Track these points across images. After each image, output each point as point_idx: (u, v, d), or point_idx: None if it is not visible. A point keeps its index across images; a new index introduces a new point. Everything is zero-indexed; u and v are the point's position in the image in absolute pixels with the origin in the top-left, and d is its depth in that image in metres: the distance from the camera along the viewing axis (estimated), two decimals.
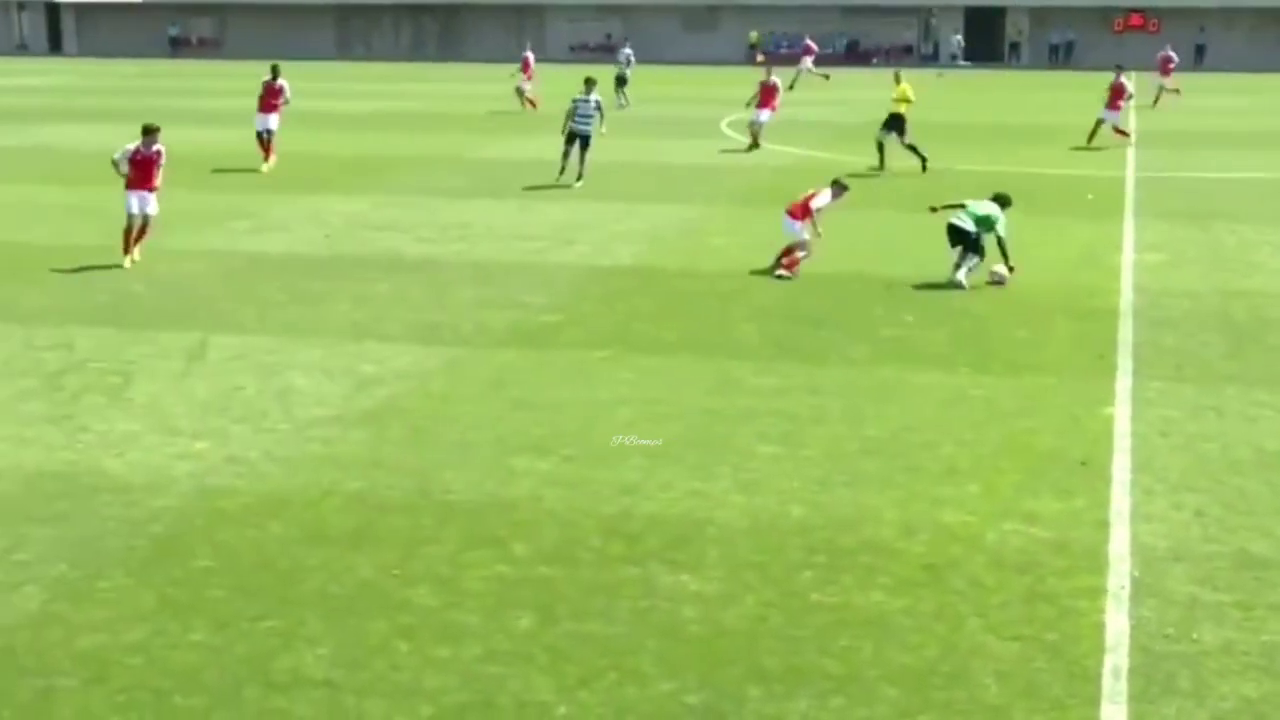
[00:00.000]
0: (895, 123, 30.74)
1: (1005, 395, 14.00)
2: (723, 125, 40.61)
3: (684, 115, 44.20)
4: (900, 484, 11.49)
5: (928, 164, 29.82)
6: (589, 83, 28.53)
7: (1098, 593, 9.45)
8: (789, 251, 19.74)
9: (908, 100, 30.86)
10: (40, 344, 15.83)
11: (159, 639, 8.75)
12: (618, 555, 10.07)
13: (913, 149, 30.23)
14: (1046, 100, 47.91)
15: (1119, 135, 35.55)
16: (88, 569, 9.77)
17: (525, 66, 46.05)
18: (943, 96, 48.07)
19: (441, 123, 42.14)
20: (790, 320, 17.12)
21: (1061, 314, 17.48)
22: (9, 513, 10.82)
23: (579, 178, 27.84)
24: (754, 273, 19.77)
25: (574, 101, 28.00)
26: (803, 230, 19.63)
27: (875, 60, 79.22)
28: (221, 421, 13.05)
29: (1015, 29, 79.79)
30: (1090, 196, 27.09)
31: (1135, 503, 11.06)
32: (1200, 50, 76.02)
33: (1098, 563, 9.94)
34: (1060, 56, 77.80)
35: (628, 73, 48.45)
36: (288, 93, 30.66)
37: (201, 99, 49.62)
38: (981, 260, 19.05)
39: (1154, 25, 77.38)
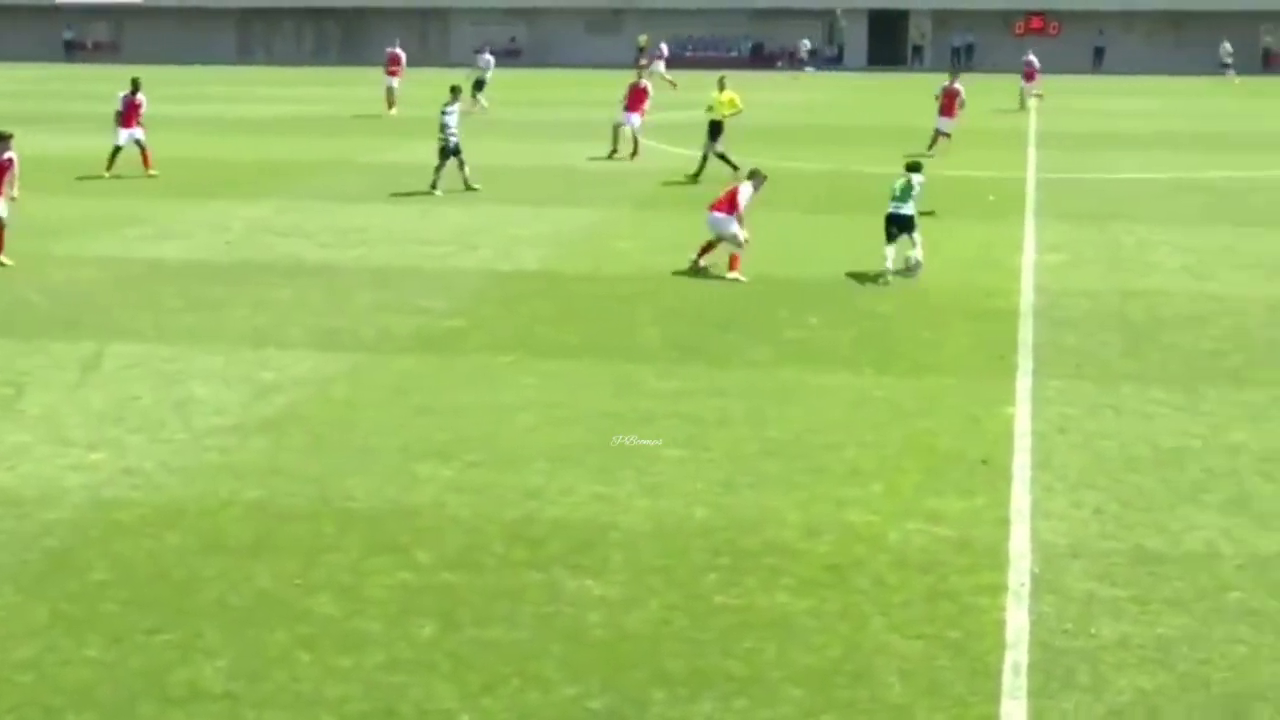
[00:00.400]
0: (714, 130, 29.68)
1: (908, 396, 14.10)
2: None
3: (587, 118, 44.12)
4: (804, 485, 11.53)
5: (737, 169, 28.89)
6: (454, 91, 28.30)
7: (998, 590, 9.53)
8: (710, 247, 19.82)
9: (735, 108, 30.17)
10: None
11: (51, 655, 8.56)
12: (521, 561, 10.01)
13: (723, 157, 29.06)
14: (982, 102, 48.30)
15: (941, 139, 34.15)
16: None
17: (393, 62, 45.56)
18: (847, 99, 48.44)
19: (343, 127, 41.81)
20: (693, 323, 17.13)
21: (963, 315, 17.65)
22: None
23: (466, 182, 27.51)
24: (657, 276, 19.78)
25: (442, 112, 27.62)
26: (731, 223, 19.61)
27: (780, 64, 79.68)
28: (117, 432, 12.82)
29: (918, 32, 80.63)
30: (991, 198, 27.39)
31: (1035, 500, 11.18)
32: (1099, 53, 77.26)
33: (998, 560, 10.03)
34: (962, 59, 78.70)
35: (487, 76, 47.28)
36: (145, 106, 30.06)
37: (97, 103, 48.68)
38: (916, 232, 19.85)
39: (1054, 28, 78.56)
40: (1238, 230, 24.00)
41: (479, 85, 46.16)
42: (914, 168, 20.73)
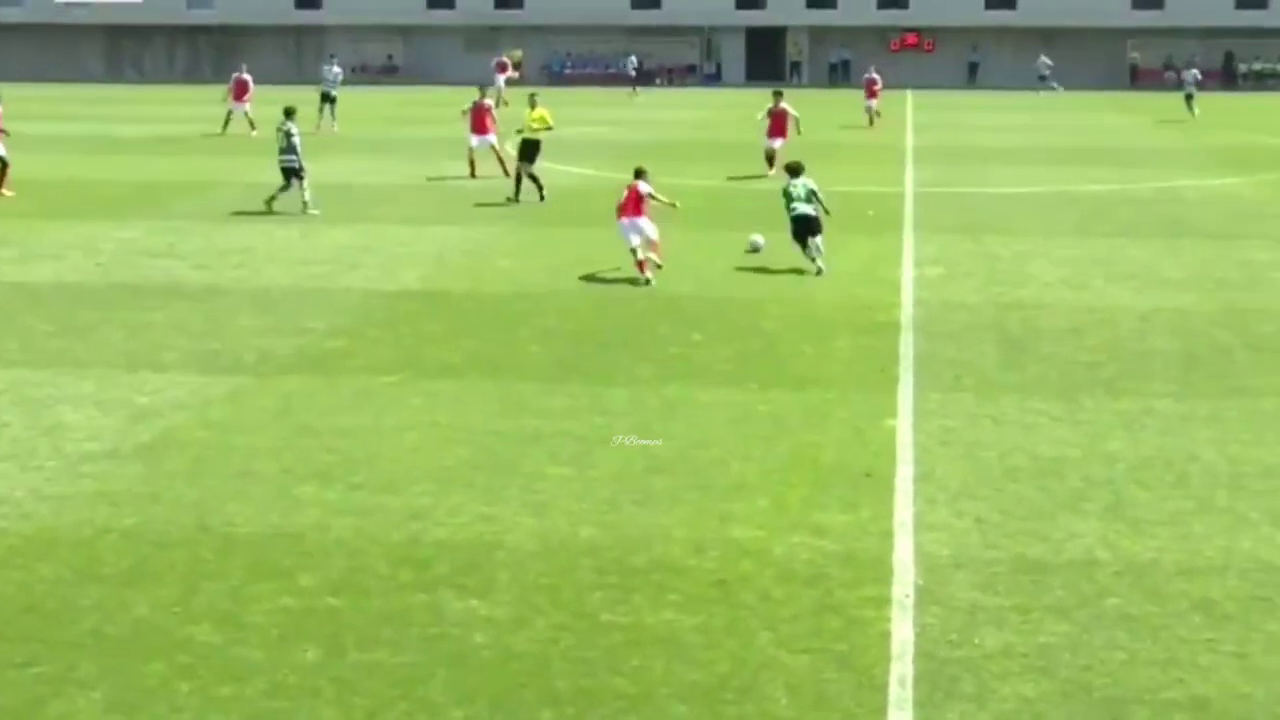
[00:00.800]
0: (529, 150, 28.83)
1: (791, 410, 14.17)
2: (507, 146, 40.49)
3: (465, 136, 43.91)
4: (689, 501, 11.53)
5: (545, 196, 28.53)
6: (288, 113, 27.71)
7: (883, 602, 9.59)
8: (638, 257, 20.38)
9: (547, 125, 29.43)
10: None
11: None
12: (407, 583, 9.89)
13: (533, 178, 28.53)
14: (825, 117, 48.91)
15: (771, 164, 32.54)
16: None
17: (241, 88, 43.98)
18: (726, 115, 48.74)
19: (218, 146, 41.21)
20: (577, 341, 17.10)
21: (845, 328, 17.80)
22: None
23: (305, 204, 27.09)
24: (540, 294, 19.73)
25: (287, 134, 27.13)
26: (645, 223, 20.50)
27: (659, 80, 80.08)
28: None
29: (795, 48, 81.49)
30: (871, 212, 27.67)
31: (918, 512, 11.28)
32: (973, 68, 78.71)
33: (883, 572, 10.09)
34: (840, 75, 79.69)
35: (334, 92, 45.53)
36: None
37: None
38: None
39: (929, 45, 79.89)
40: (1110, 242, 24.50)
41: (328, 99, 44.68)
42: (796, 170, 21.95)
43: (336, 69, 47.02)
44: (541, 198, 28.32)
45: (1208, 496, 11.74)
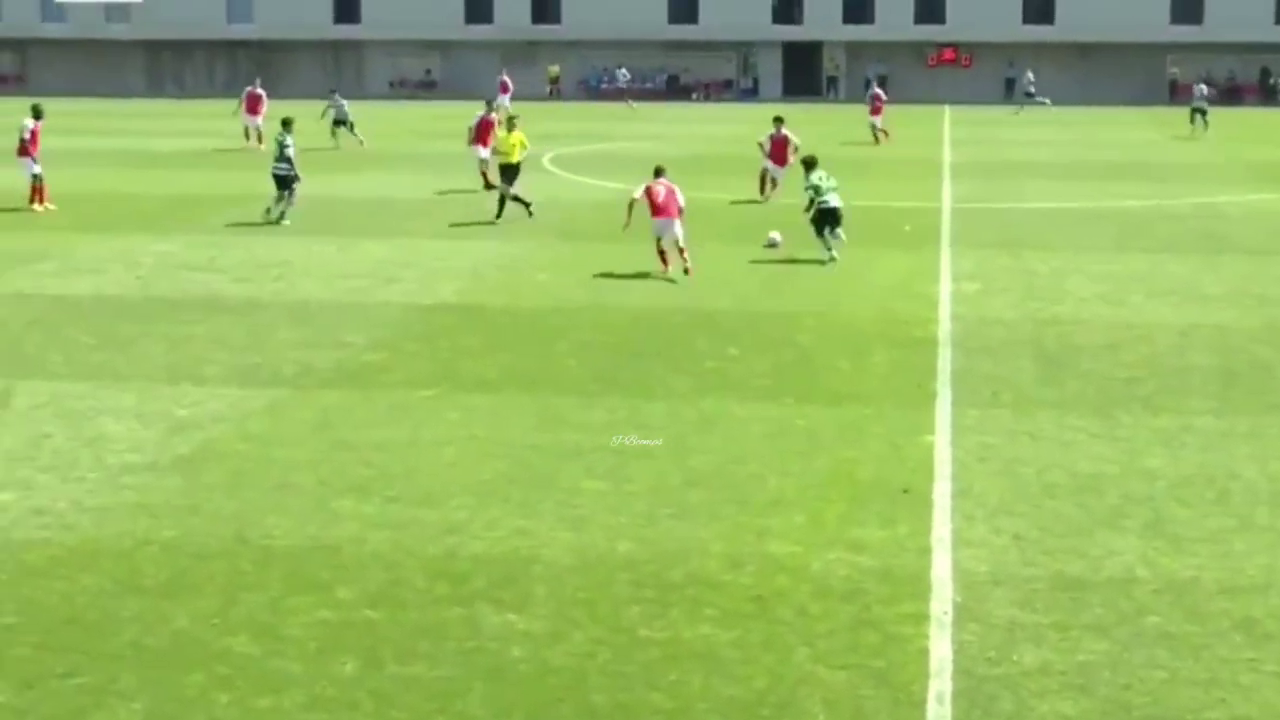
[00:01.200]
0: (509, 173, 28.25)
1: (828, 425, 14.15)
2: (545, 160, 40.62)
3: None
4: (726, 516, 11.52)
5: (532, 210, 28.06)
6: (285, 124, 28.46)
7: (921, 619, 9.55)
8: (665, 254, 21.83)
9: (524, 148, 28.67)
10: None
11: None
12: (443, 596, 9.92)
13: (517, 199, 28.05)
14: (863, 133, 48.86)
15: (770, 190, 31.35)
16: None
17: (254, 102, 44.14)
18: (763, 131, 48.66)
19: (257, 160, 41.35)
20: (614, 355, 17.11)
21: (882, 343, 17.76)
22: None
23: (280, 215, 27.73)
24: (576, 308, 19.77)
25: (282, 145, 27.92)
26: (678, 223, 21.86)
27: (695, 95, 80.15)
28: (27, 471, 12.56)
29: (832, 63, 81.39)
30: (908, 228, 27.63)
31: (956, 528, 11.24)
32: (1010, 84, 78.36)
33: (921, 589, 10.06)
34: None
35: (346, 114, 44.85)
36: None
37: (3, 136, 48.11)
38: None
39: (966, 60, 79.65)
40: (1149, 258, 24.38)
41: (340, 124, 44.39)
42: (812, 164, 24.00)
43: (340, 100, 46.17)
44: (529, 214, 27.87)
45: (1248, 514, 11.66)
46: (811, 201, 23.55)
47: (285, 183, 27.80)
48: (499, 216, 28.02)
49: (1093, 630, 9.38)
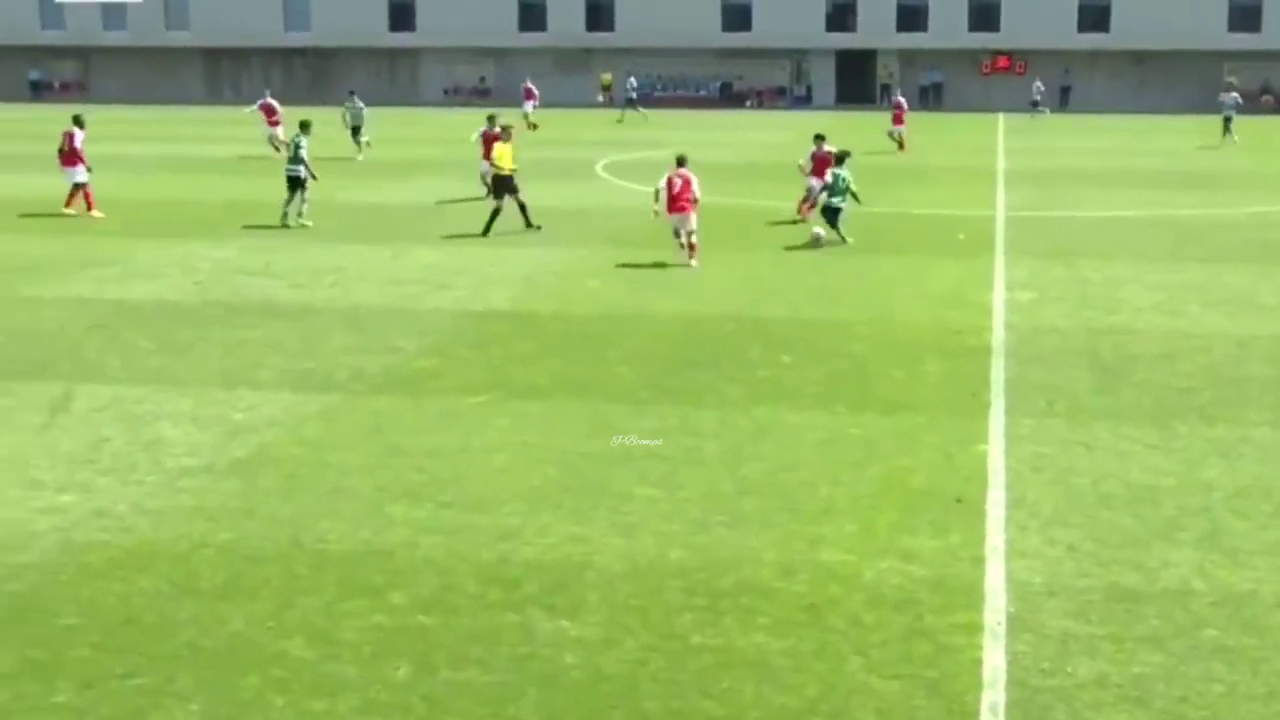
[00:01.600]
0: (504, 186, 27.62)
1: (881, 434, 14.11)
2: (597, 168, 40.73)
3: (557, 158, 44.25)
4: (779, 524, 11.51)
5: (533, 225, 27.73)
6: (303, 126, 28.94)
7: (975, 629, 9.51)
8: (689, 239, 23.75)
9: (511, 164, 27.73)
10: None
11: (19, 702, 8.45)
12: (496, 602, 9.96)
13: (523, 209, 27.70)
14: (916, 141, 48.71)
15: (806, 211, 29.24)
16: None
17: (270, 112, 44.48)
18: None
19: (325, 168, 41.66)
20: (666, 362, 17.13)
21: (935, 352, 17.70)
22: None
23: (299, 215, 28.26)
24: (628, 315, 19.81)
25: (296, 146, 28.46)
26: (694, 216, 23.76)
27: (749, 103, 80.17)
28: (87, 474, 12.71)
29: (886, 71, 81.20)
30: (961, 236, 27.53)
31: (1009, 538, 11.18)
32: (1065, 92, 77.98)
33: (974, 599, 10.02)
34: (930, 98, 79.33)
35: (362, 120, 45.04)
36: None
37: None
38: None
39: (1021, 67, 79.26)
40: (1205, 267, 24.18)
41: (356, 131, 44.31)
42: (841, 159, 26.57)
43: (359, 104, 46.13)
44: (528, 224, 27.55)
45: None
46: (828, 187, 26.53)
47: (296, 184, 28.29)
48: (487, 230, 27.30)
49: (1148, 642, 9.31)
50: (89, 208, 29.81)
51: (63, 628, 9.48)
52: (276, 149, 43.50)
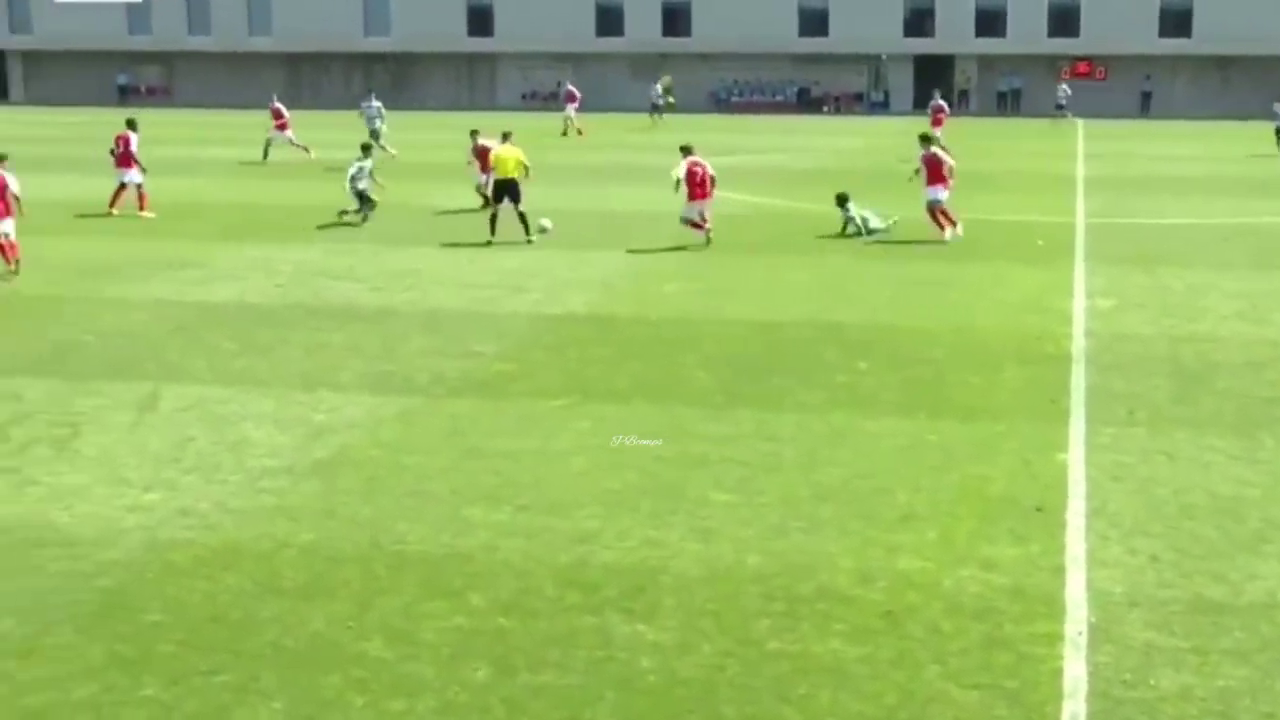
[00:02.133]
0: (511, 191, 27.10)
1: (960, 441, 14.03)
2: (673, 173, 40.70)
3: (633, 162, 44.33)
4: (856, 531, 11.48)
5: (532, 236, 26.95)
6: (365, 149, 30.79)
7: (1055, 639, 9.44)
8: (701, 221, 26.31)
9: (521, 164, 27.46)
10: None
11: (108, 696, 8.60)
12: (574, 605, 10.00)
13: (523, 218, 27.02)
14: (995, 147, 48.37)
15: (940, 215, 27.53)
16: (34, 625, 9.61)
17: (277, 116, 44.48)
18: (893, 144, 48.37)
19: (392, 171, 41.98)
20: (742, 367, 17.12)
21: (1014, 359, 17.57)
22: None
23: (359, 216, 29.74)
24: (703, 319, 19.82)
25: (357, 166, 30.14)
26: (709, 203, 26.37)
27: (825, 108, 79.91)
28: (172, 473, 12.91)
29: (964, 77, 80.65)
30: (1040, 242, 27.31)
31: (1090, 548, 11.09)
32: (1146, 98, 77.08)
33: (1055, 609, 9.94)
34: (1009, 104, 78.71)
35: (379, 125, 44.62)
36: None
37: (148, 147, 49.25)
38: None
39: (1101, 73, 78.46)
40: None
41: (374, 135, 43.41)
42: (842, 201, 28.32)
43: (375, 103, 45.41)
44: (528, 239, 26.87)
45: None
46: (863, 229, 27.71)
47: (363, 198, 29.90)
48: (492, 235, 27.03)
49: (1233, 656, 9.20)
50: (141, 207, 30.47)
51: (149, 624, 9.63)
52: (303, 148, 43.90)
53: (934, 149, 28.02)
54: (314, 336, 18.69)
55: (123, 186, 30.70)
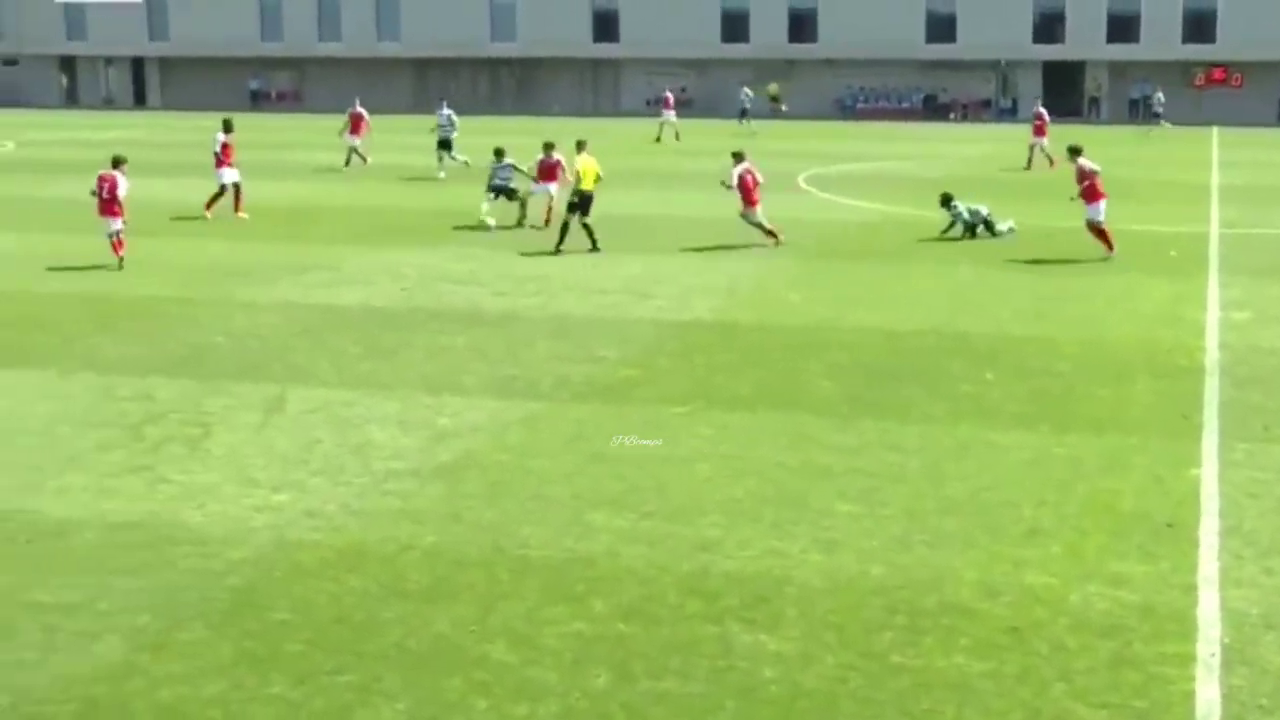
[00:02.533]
0: (584, 203, 26.84)
1: (1088, 454, 13.78)
2: (800, 180, 40.60)
3: (760, 169, 44.14)
4: (981, 544, 11.32)
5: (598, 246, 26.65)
6: (498, 153, 30.95)
7: (1187, 660, 9.23)
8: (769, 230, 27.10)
9: (598, 177, 27.17)
10: (121, 394, 16.01)
11: (237, 692, 8.75)
12: (696, 613, 9.98)
13: (588, 229, 26.77)
14: (1126, 155, 47.53)
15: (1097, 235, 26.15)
16: (167, 620, 9.81)
17: (356, 121, 44.23)
18: (1023, 151, 47.73)
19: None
20: (867, 376, 16.99)
21: (1145, 372, 17.24)
22: (91, 562, 10.90)
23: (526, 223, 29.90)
24: (828, 327, 19.70)
25: (492, 167, 30.91)
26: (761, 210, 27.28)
27: (953, 115, 79.13)
28: (300, 474, 13.10)
29: (1094, 83, 79.39)
30: (1173, 253, 26.79)
31: (1224, 567, 10.83)
32: None
33: (1186, 628, 9.72)
34: (1141, 111, 77.33)
35: (452, 136, 42.66)
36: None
37: (280, 152, 50.26)
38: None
39: (1236, 80, 76.79)
40: None
41: (445, 145, 42.34)
42: (947, 201, 29.07)
43: (446, 110, 43.78)
44: (593, 246, 26.59)
45: None
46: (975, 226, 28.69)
47: (507, 194, 30.36)
48: (560, 246, 26.69)
49: None
50: (236, 208, 30.96)
51: (277, 622, 9.78)
52: (347, 163, 43.84)
53: (1081, 160, 26.35)
54: (438, 340, 18.88)
55: (221, 190, 31.15)
